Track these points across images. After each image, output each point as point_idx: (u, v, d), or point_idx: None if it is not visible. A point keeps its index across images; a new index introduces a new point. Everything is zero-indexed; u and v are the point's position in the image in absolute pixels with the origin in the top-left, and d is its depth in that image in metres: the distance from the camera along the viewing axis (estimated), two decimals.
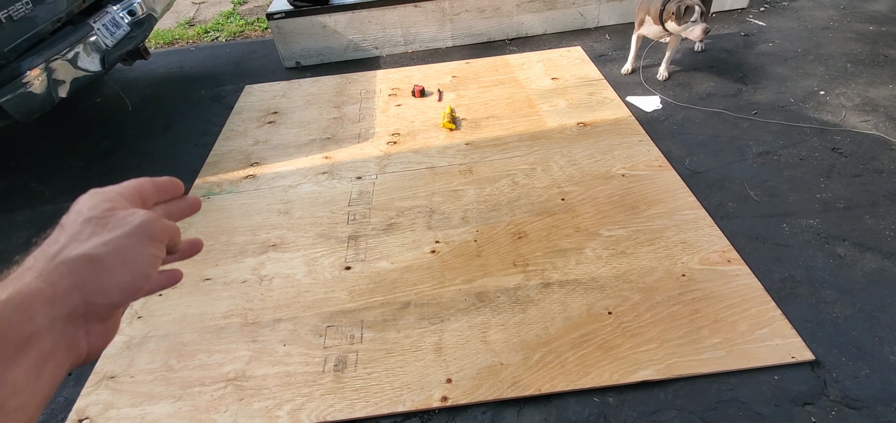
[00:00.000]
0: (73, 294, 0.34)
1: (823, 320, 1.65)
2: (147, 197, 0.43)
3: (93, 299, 0.34)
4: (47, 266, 0.34)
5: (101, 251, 0.35)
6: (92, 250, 0.35)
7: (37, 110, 2.32)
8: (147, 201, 0.43)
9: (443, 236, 2.07)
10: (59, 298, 0.33)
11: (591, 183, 2.27)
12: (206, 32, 4.58)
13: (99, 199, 0.39)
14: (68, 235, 0.36)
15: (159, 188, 0.45)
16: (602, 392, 1.51)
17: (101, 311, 0.35)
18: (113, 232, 0.36)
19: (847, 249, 1.89)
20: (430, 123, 2.83)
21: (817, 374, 1.51)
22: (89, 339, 0.36)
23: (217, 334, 1.77)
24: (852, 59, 3.09)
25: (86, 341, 0.35)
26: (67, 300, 0.33)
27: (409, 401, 1.52)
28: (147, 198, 0.43)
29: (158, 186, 0.44)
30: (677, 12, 2.62)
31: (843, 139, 2.44)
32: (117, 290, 0.35)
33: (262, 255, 2.07)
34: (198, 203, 0.49)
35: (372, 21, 3.60)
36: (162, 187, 0.45)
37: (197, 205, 0.49)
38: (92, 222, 0.36)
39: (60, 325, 0.33)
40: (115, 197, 0.39)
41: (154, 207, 0.44)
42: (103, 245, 0.35)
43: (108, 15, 2.74)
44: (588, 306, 1.73)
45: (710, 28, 2.67)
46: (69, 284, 0.33)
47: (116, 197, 0.40)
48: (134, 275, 0.36)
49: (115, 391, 1.63)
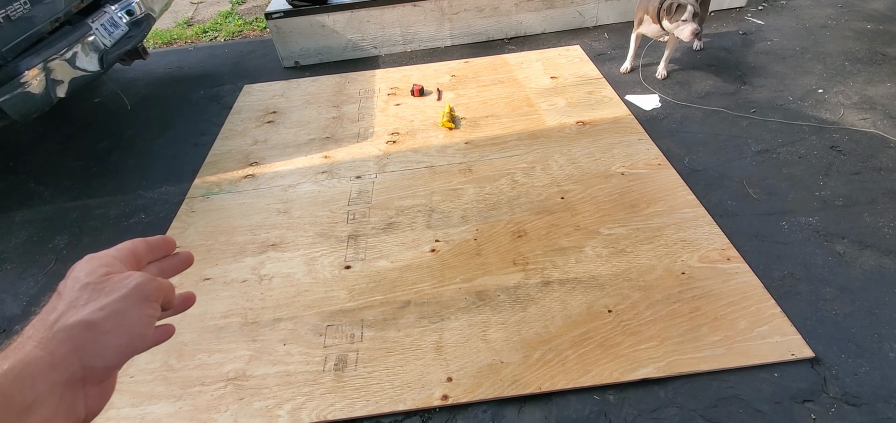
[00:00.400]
0: (72, 359, 0.35)
1: (823, 317, 1.66)
2: (140, 257, 0.45)
3: (91, 363, 0.36)
4: (46, 334, 0.35)
5: (97, 317, 0.36)
6: (89, 316, 0.36)
7: (35, 110, 2.32)
8: (140, 261, 0.45)
9: (442, 234, 2.07)
10: (59, 364, 0.34)
11: (591, 182, 2.28)
12: (204, 32, 4.57)
13: (95, 264, 0.40)
14: (66, 301, 0.37)
15: (152, 248, 0.46)
16: (602, 390, 1.51)
17: (98, 374, 0.37)
18: (109, 296, 0.37)
19: (846, 246, 1.89)
20: (430, 122, 2.83)
21: (817, 371, 1.51)
22: (87, 402, 0.37)
23: (217, 333, 1.77)
24: (851, 57, 3.10)
25: (84, 405, 0.36)
26: (66, 366, 0.34)
27: (410, 400, 1.52)
28: (140, 258, 0.45)
29: (151, 245, 0.46)
30: (668, 9, 2.63)
31: (841, 137, 2.44)
32: (114, 353, 0.37)
33: (261, 254, 2.07)
34: (190, 258, 0.50)
35: (371, 20, 3.60)
36: (155, 247, 0.46)
37: (189, 260, 0.50)
38: (89, 288, 0.38)
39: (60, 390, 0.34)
40: (110, 261, 0.41)
41: (147, 267, 0.46)
42: (100, 310, 0.36)
43: (106, 15, 2.73)
44: (588, 305, 1.73)
45: (700, 29, 2.67)
46: (68, 350, 0.35)
47: (112, 261, 0.41)
48: (130, 337, 0.38)
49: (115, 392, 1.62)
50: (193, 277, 1.99)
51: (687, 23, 2.61)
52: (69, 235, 2.33)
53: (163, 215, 2.36)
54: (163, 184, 2.60)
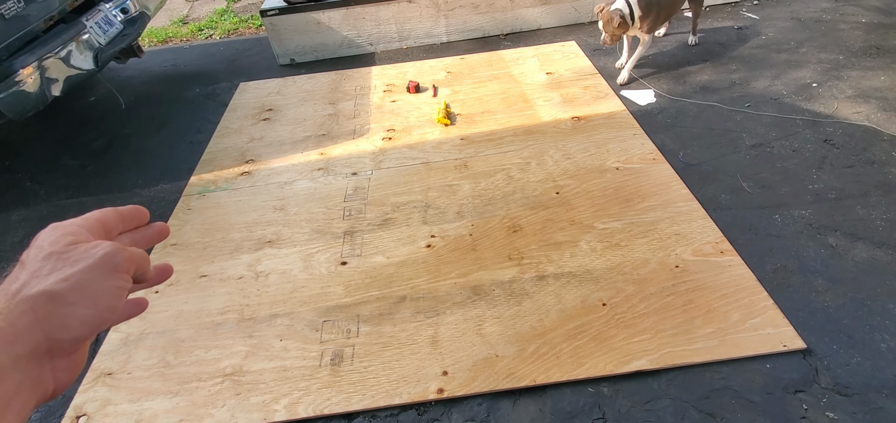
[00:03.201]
0: (35, 331, 0.33)
1: (815, 309, 1.67)
2: (111, 227, 0.42)
3: (55, 335, 0.34)
4: (7, 305, 0.34)
5: (61, 287, 0.35)
6: (52, 287, 0.34)
7: (30, 109, 2.32)
8: (111, 232, 0.42)
9: (438, 230, 2.08)
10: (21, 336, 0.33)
11: (586, 176, 2.29)
12: (199, 30, 4.56)
13: (59, 233, 0.38)
14: (29, 272, 0.36)
15: (124, 218, 0.44)
16: (596, 383, 1.53)
17: (65, 346, 0.35)
18: (75, 267, 0.36)
19: (838, 239, 1.90)
20: (425, 118, 2.83)
21: (809, 362, 1.53)
22: (55, 375, 0.35)
23: (214, 329, 1.78)
24: (844, 50, 3.11)
25: (51, 378, 0.35)
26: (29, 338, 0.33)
27: (406, 393, 1.53)
28: (111, 228, 0.42)
29: (123, 215, 0.44)
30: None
31: (835, 130, 2.46)
32: (80, 324, 0.35)
33: (258, 251, 2.08)
34: (165, 230, 0.48)
35: (366, 17, 3.60)
36: (126, 216, 0.44)
37: (164, 232, 0.47)
38: (52, 258, 0.36)
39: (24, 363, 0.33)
40: (76, 230, 0.39)
41: (119, 237, 0.43)
42: (64, 281, 0.35)
43: (100, 13, 2.73)
44: (582, 298, 1.74)
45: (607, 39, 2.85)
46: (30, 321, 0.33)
47: (78, 230, 0.39)
48: (97, 308, 0.36)
49: (112, 388, 1.63)
50: (190, 274, 2.00)
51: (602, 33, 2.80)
52: None
53: (159, 212, 2.37)
54: (159, 182, 2.60)
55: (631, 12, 2.73)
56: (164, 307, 1.88)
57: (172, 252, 2.11)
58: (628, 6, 2.72)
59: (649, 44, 2.95)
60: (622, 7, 2.72)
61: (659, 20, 2.85)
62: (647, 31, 2.82)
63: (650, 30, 2.83)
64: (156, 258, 2.09)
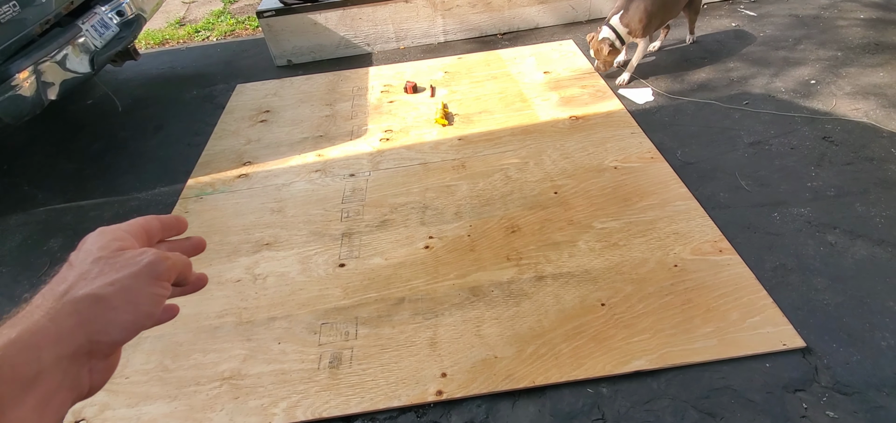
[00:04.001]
0: (78, 333, 0.34)
1: (814, 307, 1.67)
2: (152, 235, 0.44)
3: (97, 338, 0.35)
4: (54, 305, 0.35)
5: (107, 292, 0.36)
6: (98, 290, 0.35)
7: (26, 113, 2.31)
8: (152, 239, 0.44)
9: (436, 231, 2.07)
10: (65, 337, 0.34)
11: (584, 176, 2.28)
12: (196, 32, 4.55)
13: (108, 238, 0.39)
14: (76, 273, 0.37)
15: (165, 226, 0.46)
16: (596, 383, 1.52)
17: (104, 349, 0.36)
18: (120, 272, 0.37)
19: (838, 236, 1.90)
20: (423, 119, 2.83)
21: (808, 361, 1.52)
22: (92, 376, 0.36)
23: (212, 333, 1.77)
24: (843, 47, 3.10)
25: (88, 378, 0.36)
26: (73, 339, 0.34)
27: (405, 396, 1.52)
28: (152, 235, 0.44)
29: (164, 223, 0.45)
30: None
31: (834, 128, 2.45)
32: (121, 329, 0.36)
33: (255, 254, 2.07)
34: (202, 244, 0.50)
35: (363, 17, 3.59)
36: (167, 225, 0.46)
37: (201, 246, 0.49)
38: (100, 262, 0.37)
39: (65, 363, 0.34)
40: (123, 236, 0.40)
41: (158, 245, 0.45)
42: (110, 285, 0.36)
43: (96, 16, 2.72)
44: (581, 299, 1.74)
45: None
46: (74, 323, 0.34)
47: (124, 235, 0.40)
48: (137, 314, 0.37)
49: (110, 392, 1.62)
50: None
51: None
52: (64, 237, 2.33)
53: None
54: (156, 185, 2.59)
55: (618, 36, 2.78)
56: None
57: None
58: (613, 32, 2.78)
59: (646, 46, 2.94)
60: (609, 35, 2.79)
61: (652, 25, 2.82)
62: (641, 36, 2.81)
63: (645, 34, 2.81)
64: None
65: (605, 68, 2.94)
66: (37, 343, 0.32)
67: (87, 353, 0.35)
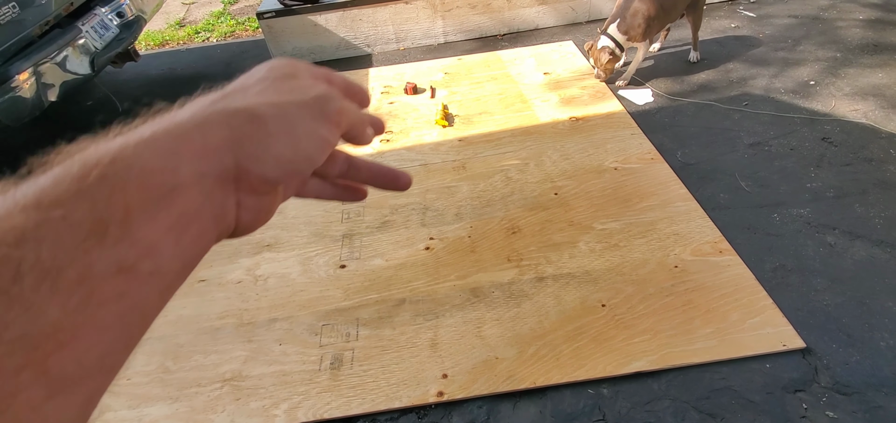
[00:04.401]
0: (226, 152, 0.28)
1: (814, 308, 1.67)
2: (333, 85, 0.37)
3: (246, 165, 0.29)
4: (203, 112, 0.29)
5: (265, 111, 0.30)
6: (257, 108, 0.30)
7: (26, 115, 2.31)
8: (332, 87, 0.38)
9: (437, 232, 2.08)
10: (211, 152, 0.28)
11: (584, 177, 2.28)
12: (196, 33, 4.55)
13: (284, 63, 0.34)
14: (236, 86, 0.32)
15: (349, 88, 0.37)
16: (596, 384, 1.53)
17: (253, 182, 0.30)
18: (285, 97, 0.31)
19: (837, 237, 1.91)
20: (423, 120, 2.83)
21: (808, 361, 1.53)
22: (239, 212, 0.30)
23: (213, 334, 1.78)
24: (843, 48, 3.11)
25: (234, 213, 0.30)
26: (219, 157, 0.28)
27: (406, 397, 1.52)
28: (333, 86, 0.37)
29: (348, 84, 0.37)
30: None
31: (833, 128, 2.46)
32: (274, 162, 0.30)
33: (256, 255, 2.07)
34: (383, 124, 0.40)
35: (363, 19, 3.59)
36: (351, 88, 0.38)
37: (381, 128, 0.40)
38: (266, 81, 0.32)
39: (208, 184, 0.27)
40: (303, 68, 0.34)
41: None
42: (270, 106, 0.30)
43: (96, 17, 2.72)
44: (582, 299, 1.74)
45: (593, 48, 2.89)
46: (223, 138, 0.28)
47: (304, 69, 0.34)
48: (296, 151, 0.31)
49: (111, 394, 1.62)
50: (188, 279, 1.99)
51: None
52: None
53: None
54: None
55: (617, 43, 2.78)
56: (162, 313, 1.86)
57: None
58: (612, 40, 2.78)
59: (646, 50, 2.93)
60: (607, 43, 2.79)
61: (652, 30, 2.81)
62: (640, 40, 2.81)
63: (644, 38, 2.81)
64: None
65: (606, 75, 2.94)
66: (177, 150, 0.26)
67: (233, 179, 0.29)
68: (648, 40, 2.89)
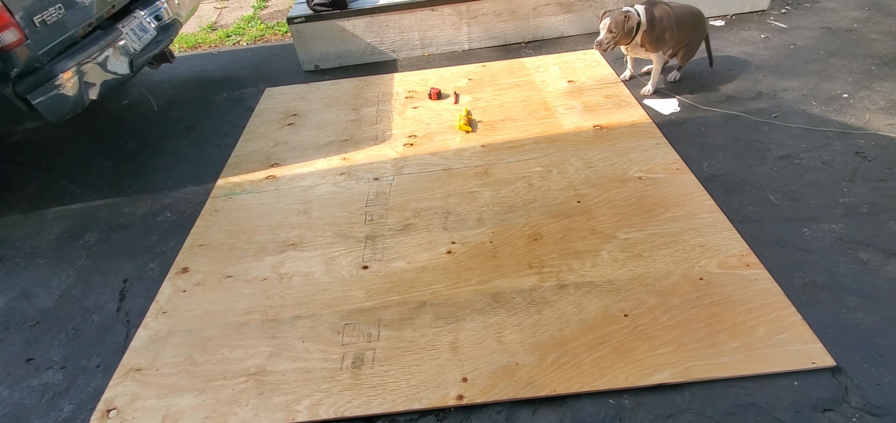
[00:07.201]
0: None
1: (845, 326, 1.63)
2: None
3: None
4: None
5: None
6: None
7: (69, 112, 2.41)
8: None
9: (459, 236, 2.09)
10: None
11: (608, 186, 2.27)
12: (227, 36, 4.68)
13: None
14: None
15: None
16: (618, 394, 1.51)
17: None
18: None
19: (871, 254, 1.85)
20: (447, 125, 2.85)
21: (838, 380, 1.49)
22: None
23: (238, 329, 1.82)
24: (877, 60, 3.03)
25: None
26: None
27: (426, 399, 1.54)
28: None
29: None
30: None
31: (867, 143, 2.39)
32: None
33: (281, 253, 2.12)
34: None
35: (389, 25, 3.65)
36: None
37: None
38: None
39: None
40: None
41: None
42: None
43: (135, 20, 2.83)
44: (604, 309, 1.73)
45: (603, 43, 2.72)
46: None
47: None
48: None
49: (141, 383, 1.68)
50: (216, 274, 2.05)
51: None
52: (99, 231, 2.42)
53: (187, 213, 2.44)
54: (187, 183, 2.67)
55: (638, 25, 2.67)
56: (190, 306, 1.93)
57: (200, 253, 2.17)
58: (638, 16, 2.66)
59: (662, 60, 2.87)
60: (631, 11, 2.65)
61: (662, 43, 2.76)
62: (653, 49, 2.77)
63: (656, 49, 2.77)
64: (184, 260, 2.15)
65: (609, 45, 2.71)
66: None
67: None
68: (661, 54, 2.83)
